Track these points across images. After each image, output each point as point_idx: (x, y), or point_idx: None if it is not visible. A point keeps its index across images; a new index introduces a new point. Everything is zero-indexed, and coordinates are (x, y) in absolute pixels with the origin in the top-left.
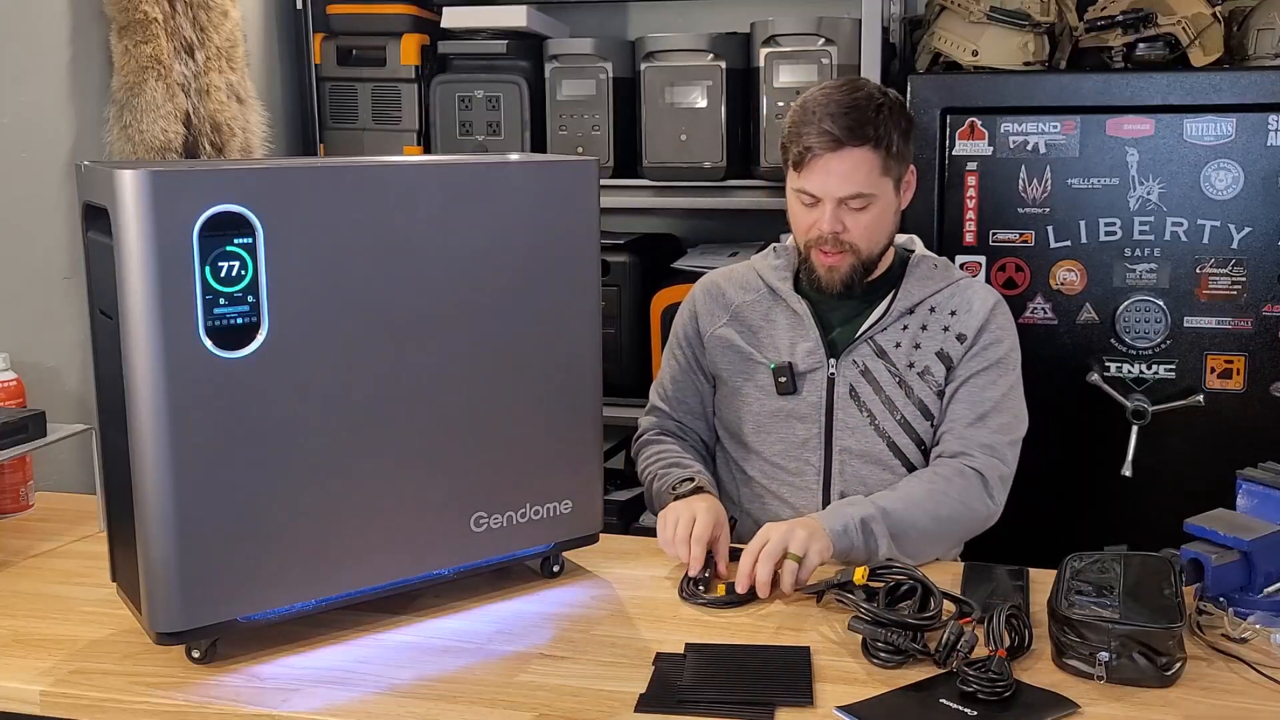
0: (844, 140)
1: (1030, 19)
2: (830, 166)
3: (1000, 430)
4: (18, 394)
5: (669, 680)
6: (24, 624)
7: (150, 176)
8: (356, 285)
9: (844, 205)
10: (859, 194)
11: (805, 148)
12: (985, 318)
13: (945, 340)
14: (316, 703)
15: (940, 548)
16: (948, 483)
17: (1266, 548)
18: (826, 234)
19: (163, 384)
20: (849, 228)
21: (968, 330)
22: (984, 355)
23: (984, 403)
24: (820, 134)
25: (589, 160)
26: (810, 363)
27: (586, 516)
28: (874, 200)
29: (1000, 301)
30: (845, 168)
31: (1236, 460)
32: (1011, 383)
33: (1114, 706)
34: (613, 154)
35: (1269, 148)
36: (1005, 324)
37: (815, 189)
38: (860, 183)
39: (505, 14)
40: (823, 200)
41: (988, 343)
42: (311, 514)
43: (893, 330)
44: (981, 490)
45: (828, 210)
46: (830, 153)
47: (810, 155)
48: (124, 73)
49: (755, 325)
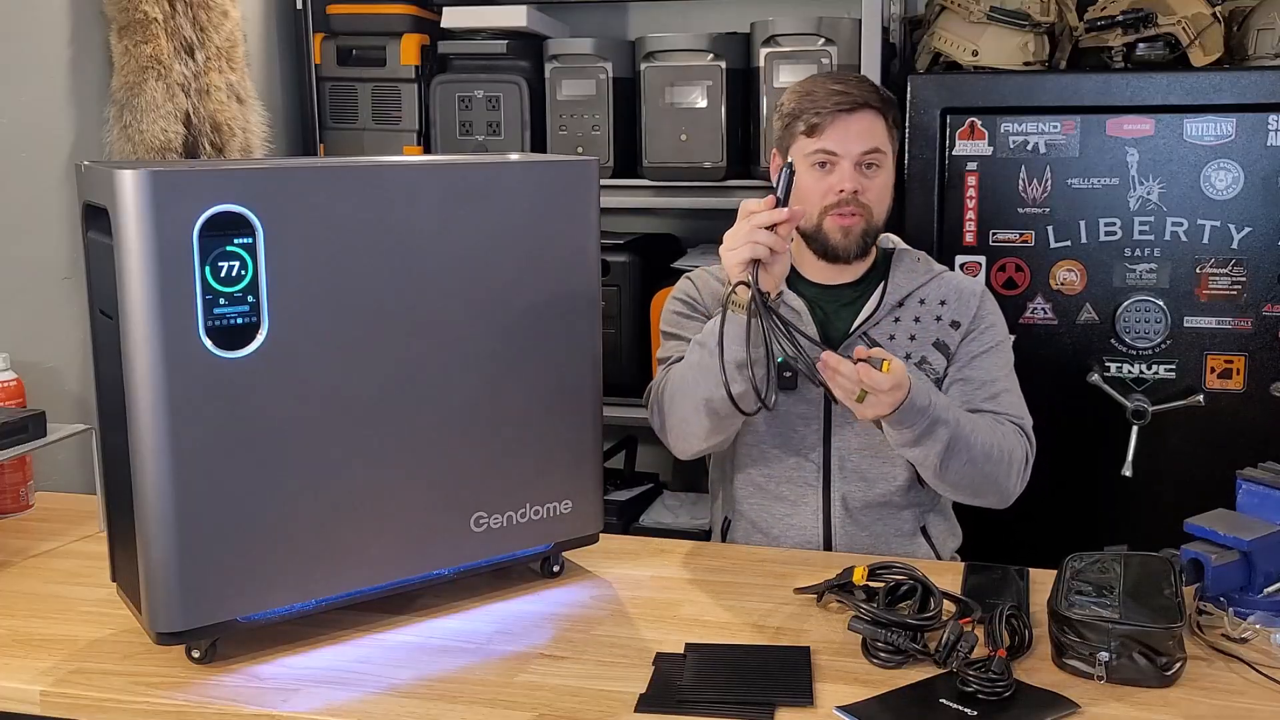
0: (860, 100)
1: (1030, 19)
2: (849, 125)
3: (1017, 410)
4: (18, 394)
5: (669, 680)
6: (24, 624)
7: (150, 176)
8: (356, 285)
9: (860, 167)
10: (876, 149)
11: (821, 109)
12: (978, 304)
13: (940, 330)
14: (316, 703)
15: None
16: (1004, 430)
17: (1266, 548)
18: (848, 192)
19: (163, 384)
20: (865, 188)
21: (961, 317)
22: (982, 338)
23: (995, 382)
24: (838, 95)
25: (589, 160)
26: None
27: (586, 516)
28: (885, 162)
29: (986, 290)
30: (862, 126)
31: (1236, 460)
32: (1011, 365)
33: (1114, 706)
34: (613, 154)
35: (1269, 148)
36: (996, 310)
37: (835, 146)
38: (877, 140)
39: (505, 14)
40: (841, 160)
41: (984, 327)
42: (311, 514)
43: (885, 324)
44: (1023, 459)
45: (847, 168)
46: (848, 113)
47: (829, 116)
48: (124, 73)
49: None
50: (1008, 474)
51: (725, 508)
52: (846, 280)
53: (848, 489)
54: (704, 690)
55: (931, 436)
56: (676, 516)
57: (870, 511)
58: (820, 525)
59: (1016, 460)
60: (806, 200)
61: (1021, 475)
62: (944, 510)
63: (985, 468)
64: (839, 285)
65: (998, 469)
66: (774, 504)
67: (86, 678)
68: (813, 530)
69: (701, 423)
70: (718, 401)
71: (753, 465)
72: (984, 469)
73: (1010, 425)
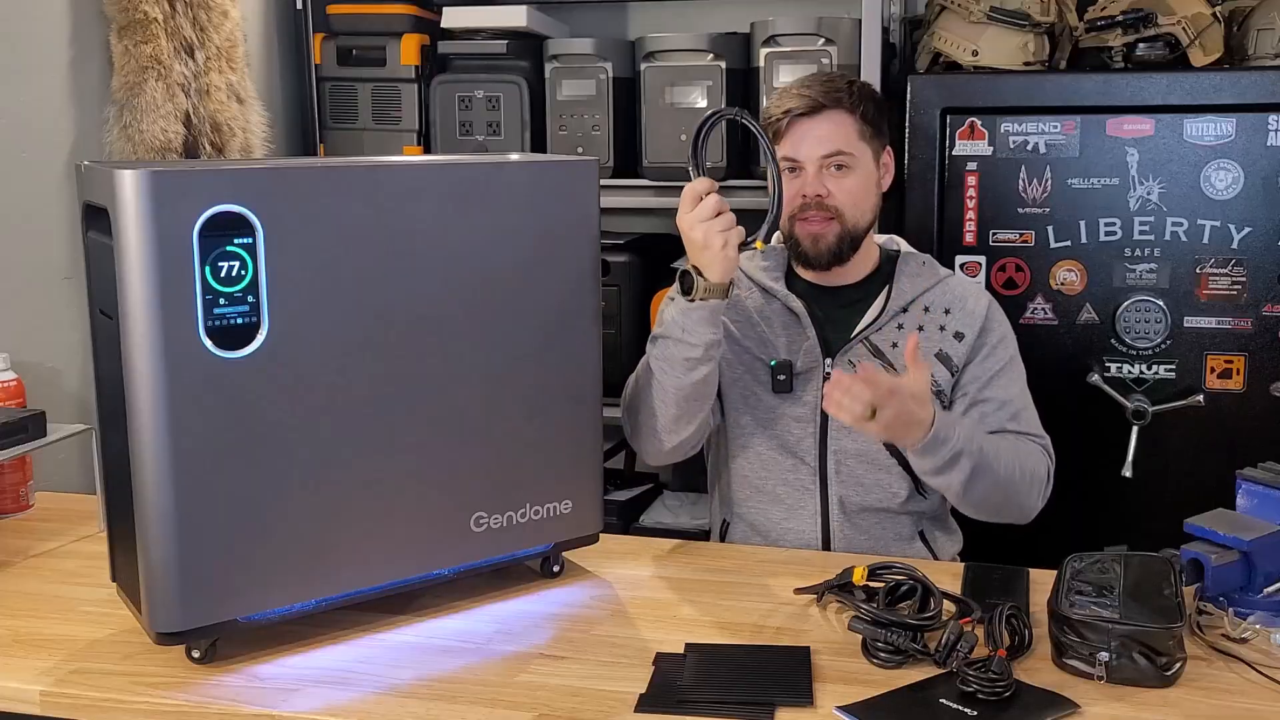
0: (820, 102)
1: (1030, 19)
2: (808, 129)
3: (1034, 426)
4: (18, 394)
5: (669, 680)
6: (24, 624)
7: (150, 176)
8: (356, 285)
9: (825, 170)
10: (839, 152)
11: (784, 112)
12: (985, 315)
13: (944, 340)
14: (316, 703)
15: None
16: (1028, 449)
17: (1266, 548)
18: (810, 197)
19: (163, 384)
20: (832, 192)
21: (966, 329)
22: (996, 355)
23: (1013, 402)
24: (798, 98)
25: (589, 160)
26: (807, 362)
27: (586, 516)
28: (854, 164)
29: (992, 299)
30: (823, 130)
31: (1236, 460)
32: (1024, 378)
33: (1114, 706)
34: (613, 154)
35: (1269, 148)
36: (1004, 321)
37: (795, 152)
38: (840, 142)
39: (505, 14)
40: (804, 165)
41: (994, 342)
42: (312, 514)
43: (888, 330)
44: (1045, 476)
45: (810, 173)
46: (808, 116)
47: (789, 119)
48: (124, 73)
49: (752, 319)
50: (1029, 493)
51: (723, 510)
52: (847, 282)
53: (845, 492)
54: (704, 690)
55: (955, 467)
56: (676, 516)
57: (868, 515)
58: (819, 528)
59: (1039, 479)
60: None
61: (1043, 493)
62: (943, 517)
63: (1009, 490)
64: (840, 287)
65: (1020, 489)
66: (771, 507)
67: (86, 678)
68: (811, 533)
69: (668, 411)
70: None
71: (749, 468)
72: (1007, 491)
73: (1034, 444)
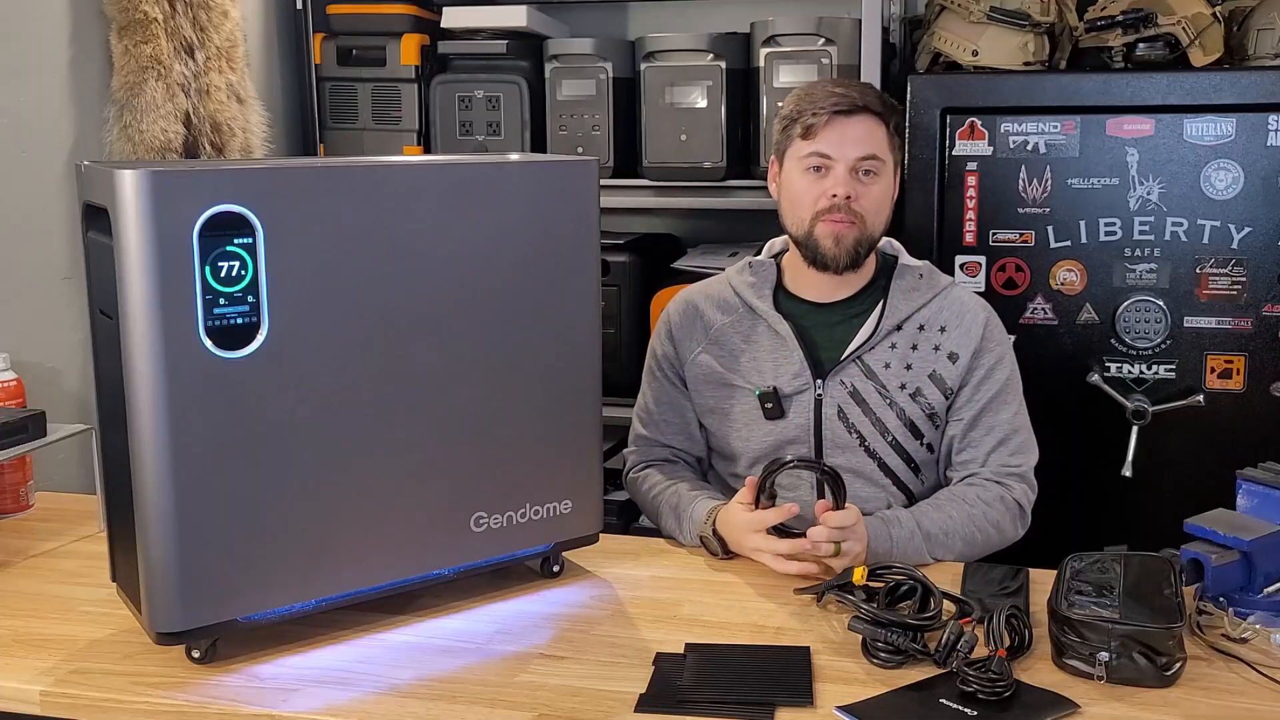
0: (858, 103)
1: (1030, 19)
2: (846, 129)
3: (1022, 451)
4: (18, 394)
5: (669, 680)
6: (24, 624)
7: (150, 176)
8: (356, 285)
9: (855, 173)
10: (872, 156)
11: (819, 110)
12: (981, 336)
13: (937, 361)
14: (316, 703)
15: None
16: (988, 508)
17: (1266, 548)
18: (840, 198)
19: (163, 384)
20: (859, 196)
21: (961, 349)
22: (993, 378)
23: (1001, 427)
24: (835, 98)
25: (589, 160)
26: (796, 385)
27: (586, 516)
28: (882, 170)
29: (991, 314)
30: (859, 131)
31: (1236, 460)
32: (1020, 401)
33: (1114, 706)
34: (613, 154)
35: (1269, 148)
36: (1001, 339)
37: (830, 149)
38: (874, 146)
39: (505, 14)
40: (836, 164)
41: (991, 365)
42: (311, 514)
43: (881, 349)
44: (1016, 519)
45: (842, 173)
46: (845, 116)
47: (825, 118)
48: (124, 73)
49: (735, 349)
50: (999, 542)
51: None
52: (841, 297)
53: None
54: (704, 690)
55: (905, 558)
56: None
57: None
58: None
59: (1006, 527)
60: (799, 205)
61: (1016, 527)
62: None
63: (971, 552)
64: (832, 304)
65: (986, 546)
66: None
67: (86, 678)
68: None
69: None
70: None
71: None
72: (970, 553)
73: (995, 490)
